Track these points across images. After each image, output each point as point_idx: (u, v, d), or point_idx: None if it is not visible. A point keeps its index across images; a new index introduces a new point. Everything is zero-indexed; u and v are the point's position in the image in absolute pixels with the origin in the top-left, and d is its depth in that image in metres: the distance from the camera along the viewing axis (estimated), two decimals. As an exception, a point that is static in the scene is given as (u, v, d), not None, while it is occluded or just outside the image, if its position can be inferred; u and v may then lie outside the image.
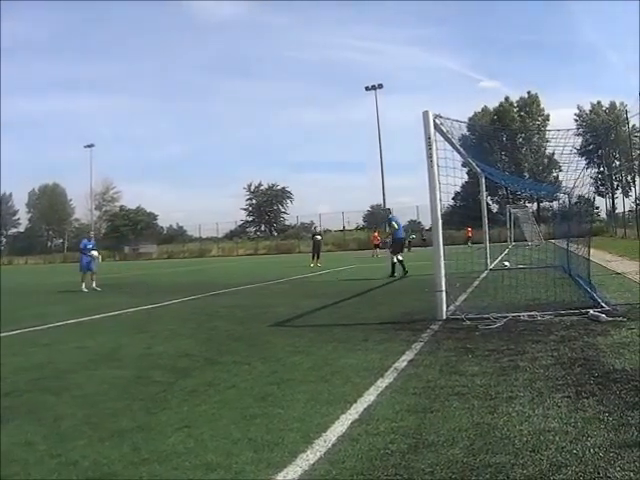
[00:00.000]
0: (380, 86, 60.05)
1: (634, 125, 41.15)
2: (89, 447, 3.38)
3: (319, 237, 26.10)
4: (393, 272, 15.99)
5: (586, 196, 12.11)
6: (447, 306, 7.66)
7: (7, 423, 3.90)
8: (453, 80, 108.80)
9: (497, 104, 70.36)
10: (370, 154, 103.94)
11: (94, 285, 16.25)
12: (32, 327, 8.63)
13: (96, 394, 4.62)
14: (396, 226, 16.46)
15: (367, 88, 60.67)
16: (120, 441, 3.46)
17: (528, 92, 68.99)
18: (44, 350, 6.77)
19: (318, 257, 24.81)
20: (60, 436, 3.62)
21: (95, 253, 16.73)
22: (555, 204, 23.58)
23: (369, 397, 4.10)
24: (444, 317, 7.44)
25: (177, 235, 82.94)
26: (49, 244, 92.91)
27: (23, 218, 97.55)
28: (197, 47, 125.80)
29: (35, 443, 3.50)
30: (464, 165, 13.56)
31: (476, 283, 12.15)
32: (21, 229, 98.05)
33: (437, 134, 7.98)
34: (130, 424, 3.78)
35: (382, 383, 4.47)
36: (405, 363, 5.11)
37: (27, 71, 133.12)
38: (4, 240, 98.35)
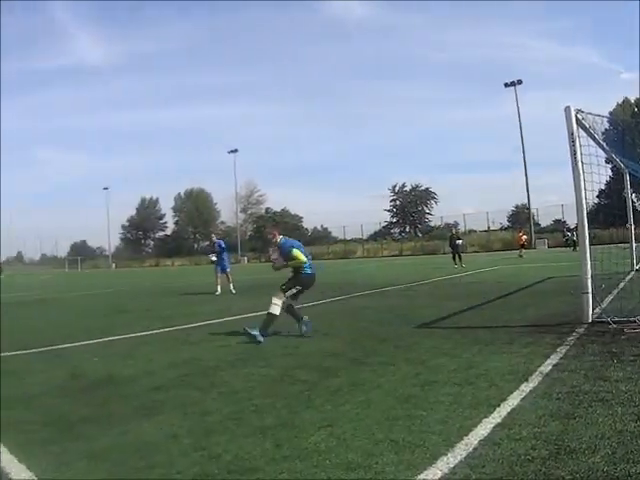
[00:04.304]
0: (519, 82, 57.39)
1: None
2: (232, 442, 3.56)
3: (460, 241, 25.80)
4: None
5: None
6: (593, 309, 7.42)
7: (155, 416, 4.22)
8: (592, 73, 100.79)
9: (638, 95, 64.21)
10: (513, 152, 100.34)
11: (231, 287, 16.21)
12: (182, 325, 9.35)
13: (241, 391, 4.86)
14: (299, 256, 7.86)
15: (506, 84, 58.26)
16: (263, 437, 3.62)
17: (670, 79, 62.19)
18: (192, 348, 7.23)
19: (460, 258, 24.50)
20: (205, 430, 3.83)
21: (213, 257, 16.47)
22: None
23: (513, 401, 4.08)
24: (590, 320, 7.25)
25: (321, 237, 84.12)
26: (195, 246, 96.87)
27: (170, 222, 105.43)
28: (336, 50, 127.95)
29: (180, 436, 3.73)
30: (607, 161, 12.73)
31: (622, 285, 11.37)
32: (168, 232, 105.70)
33: (580, 130, 7.75)
34: (273, 421, 3.94)
35: (526, 387, 4.43)
36: (550, 367, 5.05)
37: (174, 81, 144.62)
38: (152, 243, 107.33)
